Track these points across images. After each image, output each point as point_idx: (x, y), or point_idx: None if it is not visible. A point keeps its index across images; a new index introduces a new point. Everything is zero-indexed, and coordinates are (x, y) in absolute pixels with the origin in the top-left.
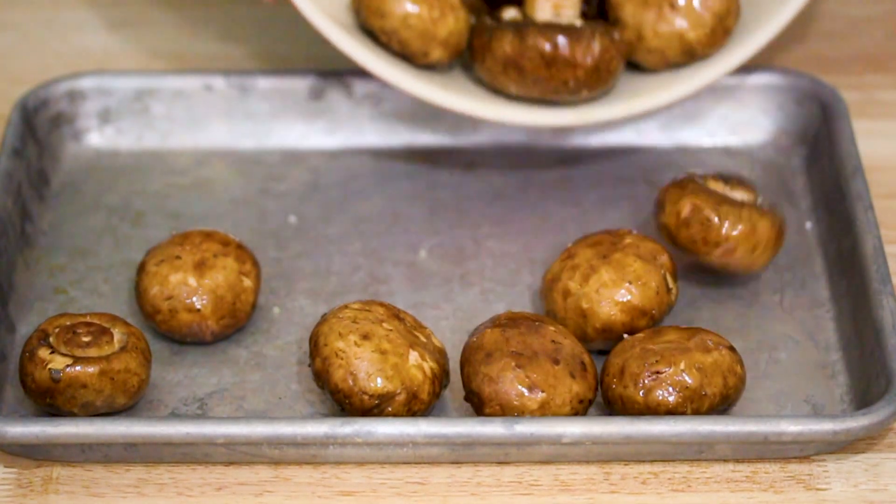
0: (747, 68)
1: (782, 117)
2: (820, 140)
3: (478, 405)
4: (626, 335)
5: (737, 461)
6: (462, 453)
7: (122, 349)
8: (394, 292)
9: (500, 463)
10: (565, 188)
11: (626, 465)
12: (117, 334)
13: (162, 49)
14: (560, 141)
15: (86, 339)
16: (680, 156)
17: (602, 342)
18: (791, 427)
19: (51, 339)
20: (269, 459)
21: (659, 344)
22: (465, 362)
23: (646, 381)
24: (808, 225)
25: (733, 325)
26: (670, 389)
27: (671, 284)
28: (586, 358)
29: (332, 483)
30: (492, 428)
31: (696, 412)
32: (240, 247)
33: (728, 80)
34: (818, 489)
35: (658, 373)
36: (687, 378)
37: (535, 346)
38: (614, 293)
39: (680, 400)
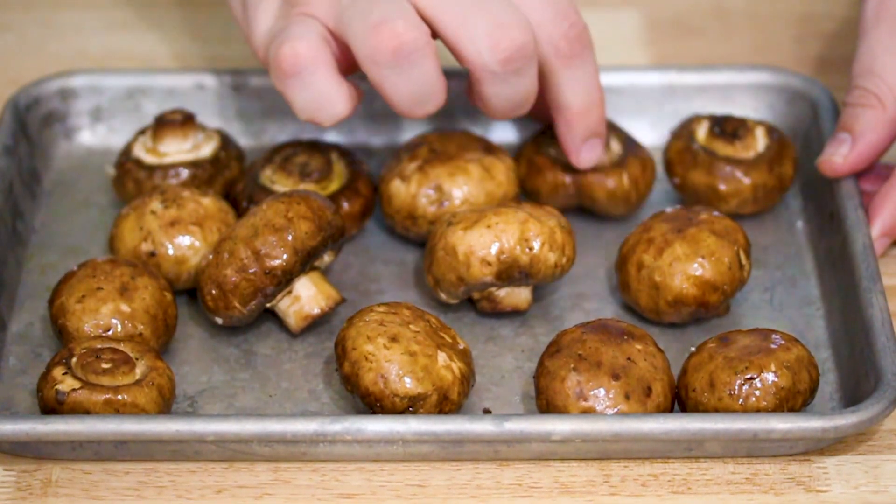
0: (739, 67)
1: (773, 116)
2: (811, 138)
3: (535, 395)
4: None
5: (736, 462)
6: (452, 451)
7: (137, 382)
8: (384, 291)
9: (499, 464)
10: None
11: (625, 466)
12: (140, 366)
13: (160, 50)
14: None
15: (105, 365)
16: None
17: (674, 315)
18: (780, 424)
19: (72, 360)
20: (260, 457)
21: (737, 350)
22: (544, 352)
23: (742, 389)
24: (799, 223)
25: (724, 322)
26: (766, 393)
27: (744, 261)
28: (656, 386)
29: (331, 485)
30: (481, 426)
31: (792, 411)
32: (145, 264)
33: (720, 79)
34: (818, 490)
35: (750, 379)
36: (779, 378)
37: (605, 356)
38: (687, 267)
39: (777, 401)
